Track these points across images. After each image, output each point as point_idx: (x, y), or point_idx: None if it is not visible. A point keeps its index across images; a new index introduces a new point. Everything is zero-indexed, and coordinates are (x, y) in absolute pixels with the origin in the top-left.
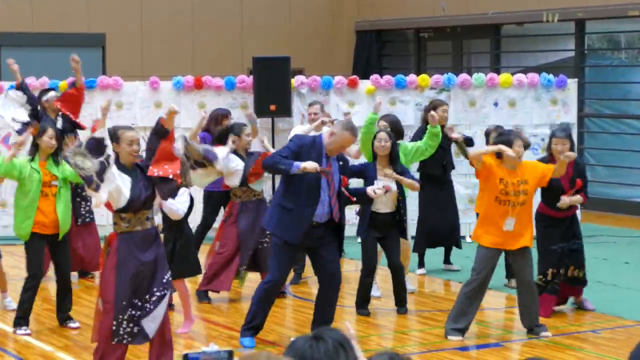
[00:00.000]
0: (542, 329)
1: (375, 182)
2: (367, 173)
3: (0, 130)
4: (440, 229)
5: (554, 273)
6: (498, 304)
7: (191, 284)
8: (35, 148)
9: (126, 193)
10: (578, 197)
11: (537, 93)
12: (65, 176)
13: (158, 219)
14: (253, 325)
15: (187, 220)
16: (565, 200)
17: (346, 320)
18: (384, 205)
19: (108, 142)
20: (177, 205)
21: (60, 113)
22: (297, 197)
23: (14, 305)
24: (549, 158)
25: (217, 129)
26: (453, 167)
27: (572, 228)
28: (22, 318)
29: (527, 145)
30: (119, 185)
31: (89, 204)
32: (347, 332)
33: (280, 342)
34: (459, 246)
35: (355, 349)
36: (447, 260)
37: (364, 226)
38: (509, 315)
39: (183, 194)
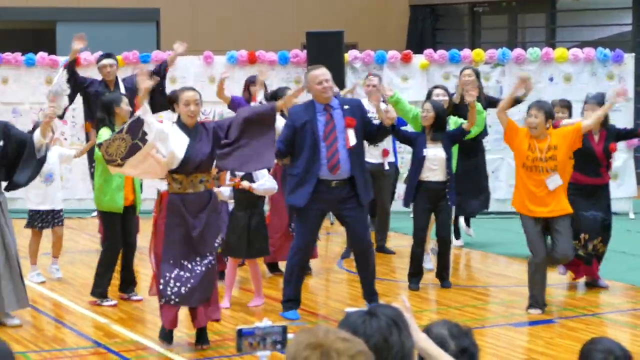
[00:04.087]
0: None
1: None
2: (416, 142)
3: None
4: (470, 197)
5: (585, 239)
6: (552, 279)
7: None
8: (110, 119)
9: (179, 154)
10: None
11: (593, 68)
12: None
13: (227, 193)
14: (291, 297)
15: (263, 200)
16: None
17: (398, 294)
18: (433, 174)
19: (147, 126)
20: (266, 184)
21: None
22: (299, 160)
23: (60, 274)
24: None
25: (245, 94)
26: (486, 134)
27: (605, 199)
28: (105, 290)
29: None
30: (170, 149)
31: None
32: (403, 306)
33: (332, 316)
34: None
35: (410, 323)
36: (467, 222)
37: (410, 195)
38: (564, 292)
39: (262, 170)
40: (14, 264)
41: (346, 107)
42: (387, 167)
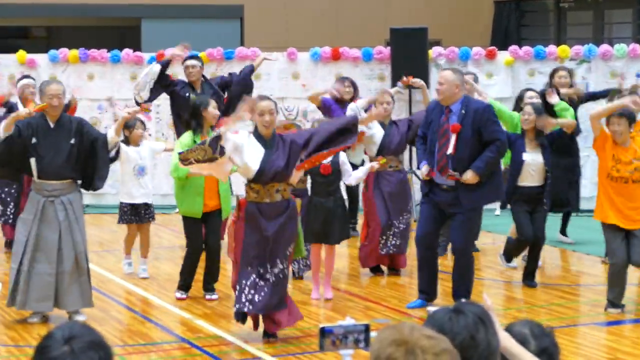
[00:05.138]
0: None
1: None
2: (514, 145)
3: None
4: (561, 195)
5: None
6: (633, 278)
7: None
8: (197, 122)
9: (254, 166)
10: None
11: None
12: None
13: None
14: (421, 289)
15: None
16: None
17: (481, 292)
18: (531, 179)
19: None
20: (355, 175)
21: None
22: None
23: (146, 274)
24: None
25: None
26: (579, 131)
27: None
28: (183, 285)
29: None
30: (244, 161)
31: None
32: (485, 304)
33: (416, 314)
34: (576, 210)
35: (494, 322)
36: (563, 231)
37: (508, 198)
38: None
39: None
40: (82, 263)
41: (463, 111)
42: None
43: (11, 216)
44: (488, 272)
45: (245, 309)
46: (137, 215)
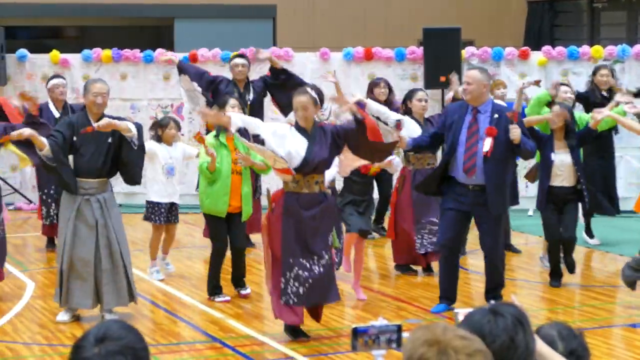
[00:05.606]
0: None
1: None
2: (544, 145)
3: (174, 101)
4: (599, 197)
5: None
6: None
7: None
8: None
9: (298, 155)
10: None
11: None
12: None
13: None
14: (443, 295)
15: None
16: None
17: (515, 293)
18: (560, 179)
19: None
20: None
21: None
22: (442, 158)
23: (172, 268)
24: None
25: (369, 96)
26: (617, 131)
27: None
28: (216, 287)
29: None
30: (287, 150)
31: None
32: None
33: (448, 314)
34: (614, 212)
35: (530, 323)
36: (587, 231)
37: (542, 199)
38: None
39: None
40: (117, 262)
41: (496, 115)
42: None
43: (55, 217)
44: (521, 272)
45: (291, 302)
46: (161, 215)
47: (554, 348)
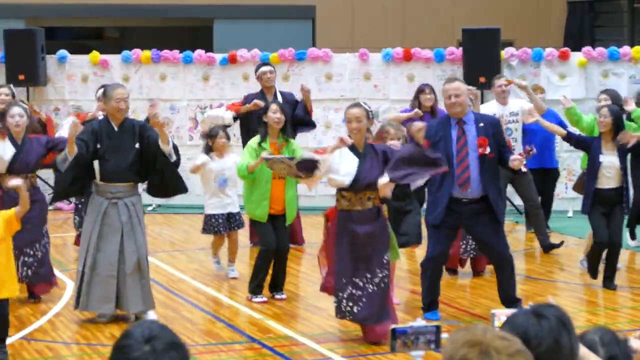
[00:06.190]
0: None
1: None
2: (591, 147)
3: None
4: None
5: None
6: None
7: None
8: (264, 127)
9: (349, 176)
10: None
11: None
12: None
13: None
14: (428, 301)
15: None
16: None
17: (554, 294)
18: (607, 181)
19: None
20: None
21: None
22: (436, 178)
23: (236, 274)
24: None
25: (414, 103)
26: None
27: None
28: (258, 287)
29: None
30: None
31: None
32: None
33: (486, 315)
34: None
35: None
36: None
37: (588, 202)
38: None
39: None
40: (144, 267)
41: (481, 124)
42: (523, 169)
43: None
44: (560, 274)
45: (348, 319)
46: (220, 226)
47: (594, 353)
